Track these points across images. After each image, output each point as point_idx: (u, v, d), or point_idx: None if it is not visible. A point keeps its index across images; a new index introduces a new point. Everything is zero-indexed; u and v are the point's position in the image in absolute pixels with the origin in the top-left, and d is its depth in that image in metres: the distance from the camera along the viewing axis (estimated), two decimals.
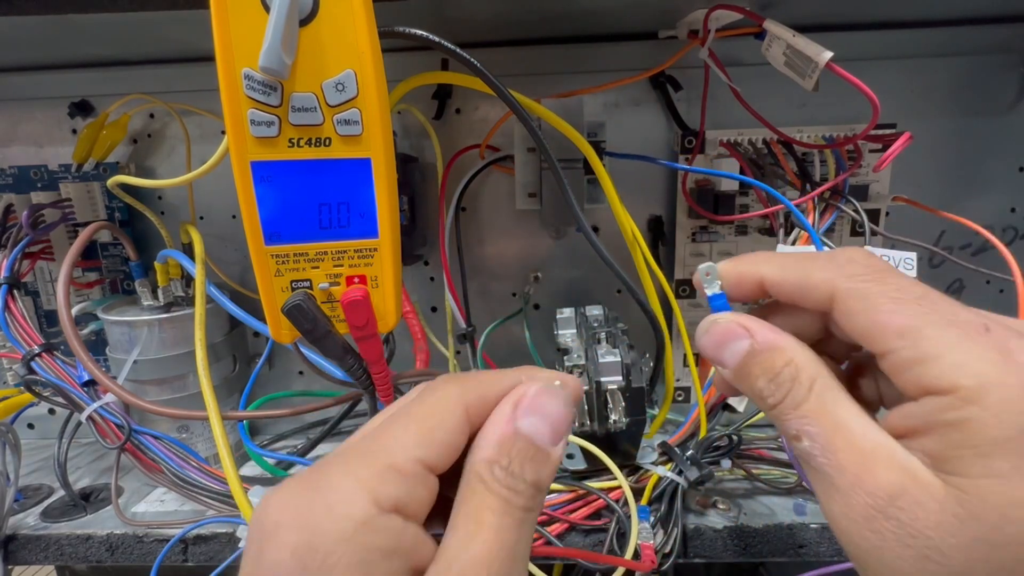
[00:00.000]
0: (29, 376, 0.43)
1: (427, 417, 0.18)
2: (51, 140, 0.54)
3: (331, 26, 0.25)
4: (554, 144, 0.41)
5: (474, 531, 0.17)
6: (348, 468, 0.17)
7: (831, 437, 0.18)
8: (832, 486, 0.18)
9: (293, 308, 0.28)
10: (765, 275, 0.21)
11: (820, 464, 0.18)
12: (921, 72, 0.49)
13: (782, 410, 0.19)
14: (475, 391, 0.19)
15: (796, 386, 0.19)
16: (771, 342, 0.20)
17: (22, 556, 0.43)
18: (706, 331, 0.22)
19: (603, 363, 0.38)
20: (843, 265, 0.19)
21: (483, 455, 0.18)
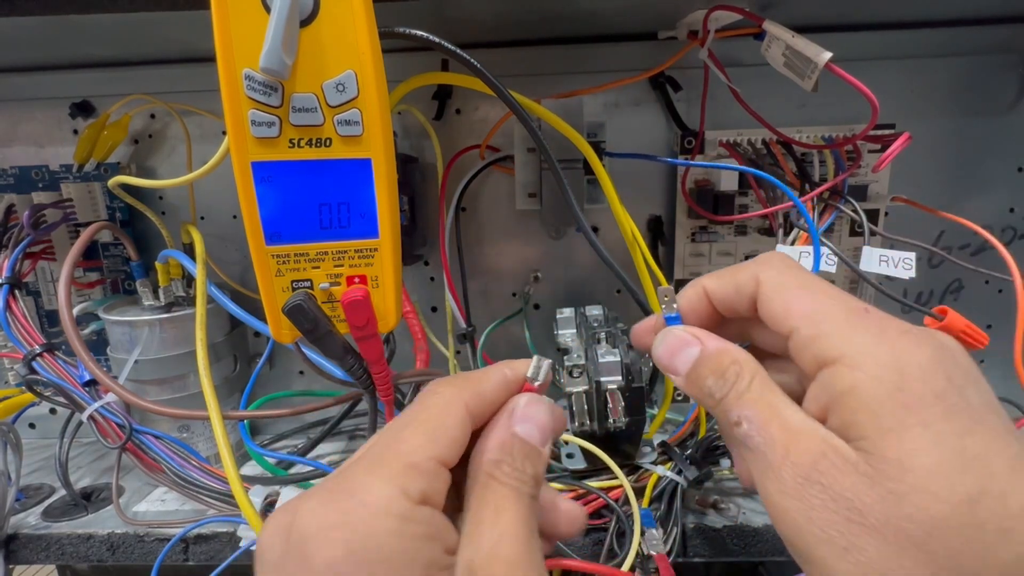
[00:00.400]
0: (30, 376, 0.43)
1: (433, 419, 0.21)
2: (52, 140, 0.54)
3: (332, 27, 0.25)
4: (554, 144, 0.41)
5: (496, 516, 0.20)
6: (373, 472, 0.20)
7: (766, 419, 0.20)
8: (766, 463, 0.20)
9: (294, 308, 0.28)
10: (706, 285, 0.24)
11: (756, 443, 0.20)
12: (920, 72, 0.49)
13: (727, 402, 0.21)
14: (470, 389, 0.22)
15: (739, 380, 0.21)
16: (718, 346, 0.23)
17: (23, 555, 0.43)
18: (661, 342, 0.24)
19: (603, 363, 0.38)
20: (763, 263, 0.23)
21: (491, 457, 0.21)
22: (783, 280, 0.22)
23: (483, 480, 0.21)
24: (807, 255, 0.41)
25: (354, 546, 0.18)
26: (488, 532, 0.20)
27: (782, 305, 0.21)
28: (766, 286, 0.22)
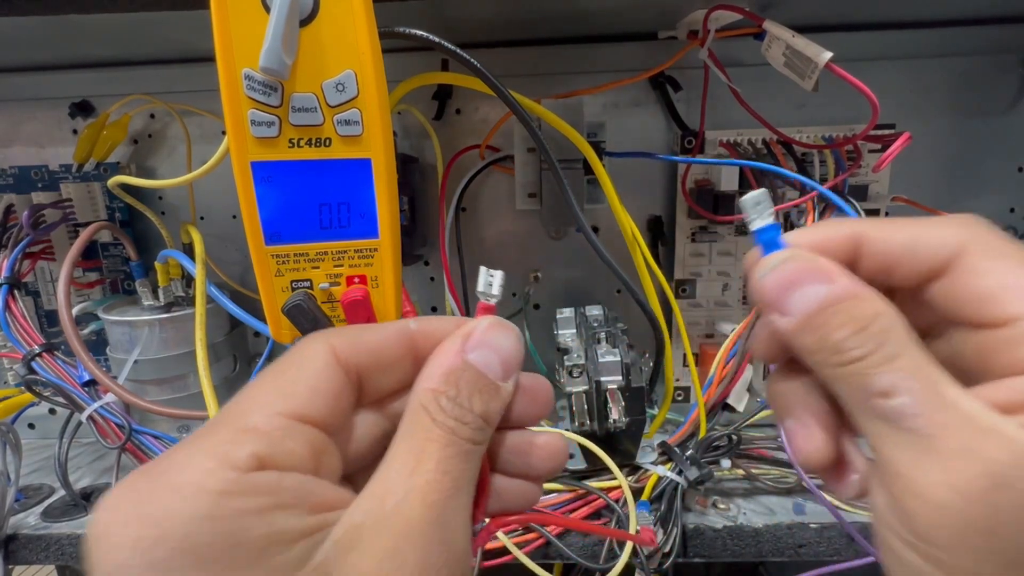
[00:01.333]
0: (30, 376, 0.43)
1: (284, 371, 0.17)
2: (52, 140, 0.54)
3: (331, 26, 0.25)
4: (554, 144, 0.41)
5: (414, 464, 0.16)
6: (195, 445, 0.15)
7: (932, 395, 0.16)
8: (930, 450, 0.15)
9: (293, 308, 0.28)
10: (865, 231, 0.18)
11: (918, 425, 0.16)
12: (921, 72, 0.49)
13: (870, 362, 0.16)
14: (342, 336, 0.18)
15: (888, 340, 0.16)
16: (858, 289, 0.17)
17: (23, 556, 0.43)
18: (774, 267, 0.18)
19: (603, 363, 0.38)
20: (965, 224, 0.17)
21: (428, 385, 0.17)
22: (1002, 251, 0.17)
23: (411, 416, 0.17)
24: None
25: (144, 544, 0.14)
26: (396, 484, 0.16)
27: (1000, 283, 0.16)
28: (977, 255, 0.17)
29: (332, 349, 0.17)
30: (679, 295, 0.51)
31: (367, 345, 0.18)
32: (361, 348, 0.18)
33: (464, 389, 0.17)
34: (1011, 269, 0.17)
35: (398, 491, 0.15)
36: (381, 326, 0.19)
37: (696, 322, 0.52)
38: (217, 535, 0.14)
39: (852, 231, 0.18)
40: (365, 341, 0.18)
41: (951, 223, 0.18)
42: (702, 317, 0.52)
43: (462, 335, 0.18)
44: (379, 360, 0.18)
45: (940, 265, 0.17)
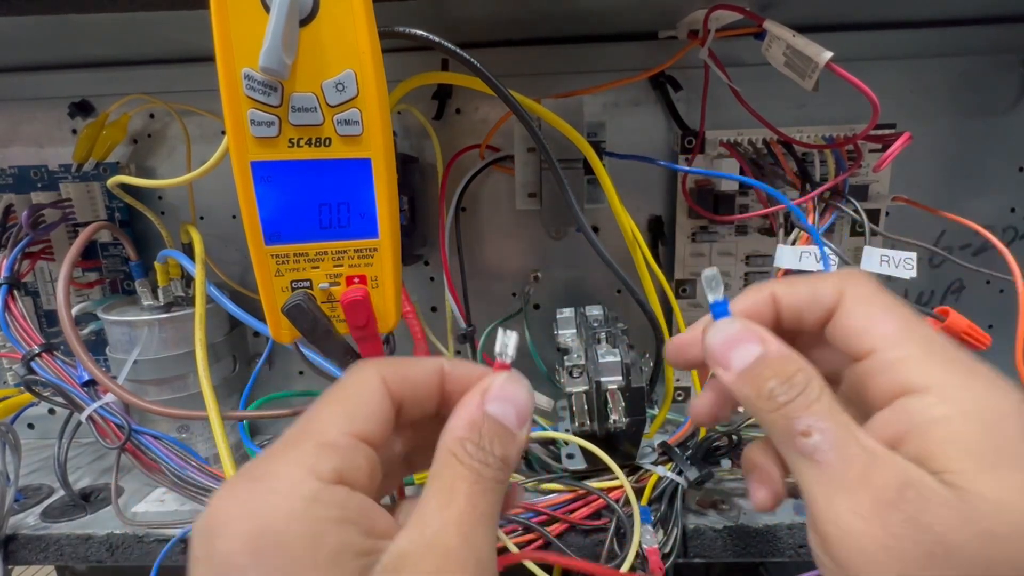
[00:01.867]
0: (29, 376, 0.43)
1: (348, 396, 0.20)
2: (51, 140, 0.54)
3: (331, 26, 0.25)
4: (554, 144, 0.41)
5: (448, 499, 0.19)
6: (286, 454, 0.18)
7: (841, 434, 0.19)
8: (838, 482, 0.19)
9: (293, 308, 0.28)
10: (776, 291, 0.23)
11: (828, 458, 0.19)
12: (921, 72, 0.49)
13: (792, 408, 0.20)
14: (391, 367, 0.21)
15: (808, 389, 0.20)
16: (787, 351, 0.21)
17: (22, 556, 0.43)
18: (719, 331, 0.22)
19: (603, 363, 0.38)
20: (849, 276, 0.22)
21: (455, 434, 0.20)
22: (871, 297, 0.21)
23: (442, 459, 0.20)
24: (808, 255, 0.41)
25: (253, 534, 0.16)
26: (433, 518, 0.18)
27: (866, 322, 0.21)
28: (851, 300, 0.21)
29: (383, 378, 0.21)
30: (679, 295, 0.51)
31: (409, 378, 0.21)
32: (405, 380, 0.21)
33: (486, 436, 0.20)
34: (874, 310, 0.21)
35: (435, 523, 0.18)
36: (421, 361, 0.22)
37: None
38: (304, 536, 0.17)
39: (770, 292, 0.23)
40: (408, 374, 0.21)
41: (836, 275, 0.22)
42: (703, 317, 0.51)
43: (481, 390, 0.21)
44: (416, 392, 0.21)
45: (829, 309, 0.22)
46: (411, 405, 0.21)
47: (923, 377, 0.19)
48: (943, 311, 0.40)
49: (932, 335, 0.20)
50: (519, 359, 0.22)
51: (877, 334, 0.20)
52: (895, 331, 0.20)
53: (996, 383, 0.19)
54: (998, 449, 0.18)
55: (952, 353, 0.19)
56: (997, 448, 0.18)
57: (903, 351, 0.20)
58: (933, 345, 0.20)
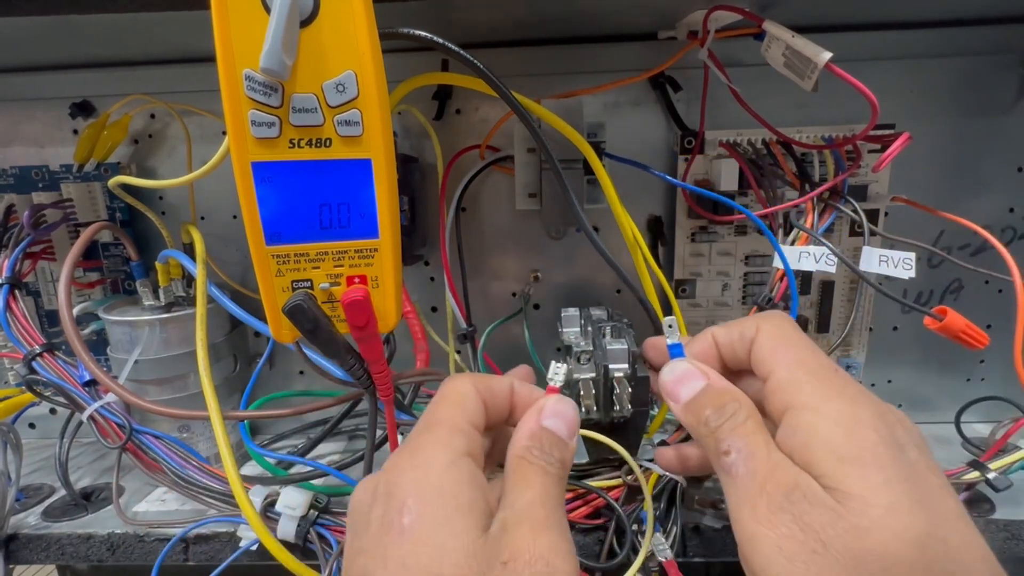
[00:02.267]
0: (30, 376, 0.43)
1: (456, 397, 0.26)
2: (52, 140, 0.54)
3: (332, 27, 0.25)
4: (554, 144, 0.41)
5: (524, 488, 0.23)
6: (429, 433, 0.25)
7: (752, 450, 0.23)
8: (744, 492, 0.22)
9: (294, 308, 0.28)
10: (715, 332, 0.29)
11: (738, 472, 0.23)
12: (920, 72, 0.49)
13: (722, 431, 0.24)
14: (479, 378, 0.27)
15: (736, 415, 0.24)
16: (723, 384, 0.26)
17: (23, 555, 0.43)
18: (671, 371, 0.28)
19: (611, 350, 0.38)
20: (765, 316, 0.28)
21: (522, 443, 0.25)
22: (777, 332, 0.26)
23: (515, 463, 0.24)
24: (807, 255, 0.41)
25: (418, 482, 0.23)
26: (518, 499, 0.23)
27: (770, 351, 0.25)
28: (762, 333, 0.26)
29: (475, 386, 0.26)
30: (679, 295, 0.51)
31: (492, 387, 0.27)
32: (489, 389, 0.27)
33: (545, 444, 0.25)
34: (776, 341, 0.26)
35: (520, 502, 0.23)
36: (500, 379, 0.28)
37: (696, 322, 0.52)
38: (451, 483, 0.23)
39: (711, 335, 0.29)
40: (490, 384, 0.27)
41: (757, 316, 0.28)
42: (702, 317, 0.52)
43: (538, 408, 0.26)
44: (495, 399, 0.27)
45: (750, 342, 0.27)
46: (491, 409, 0.27)
47: (804, 394, 0.23)
48: (941, 311, 0.40)
49: (820, 362, 0.24)
50: (516, 357, 0.23)
51: (778, 360, 0.25)
52: (790, 358, 0.25)
53: (859, 396, 0.23)
54: (861, 449, 0.21)
55: (832, 376, 0.23)
56: (860, 448, 0.21)
57: (792, 373, 0.24)
58: (819, 370, 0.24)
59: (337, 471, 0.44)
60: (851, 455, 0.21)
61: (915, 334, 0.54)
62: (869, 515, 0.19)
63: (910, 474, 0.20)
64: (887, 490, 0.20)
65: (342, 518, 0.40)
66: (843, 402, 0.22)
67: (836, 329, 0.51)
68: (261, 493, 0.40)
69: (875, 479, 0.20)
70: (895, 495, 0.20)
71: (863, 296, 0.50)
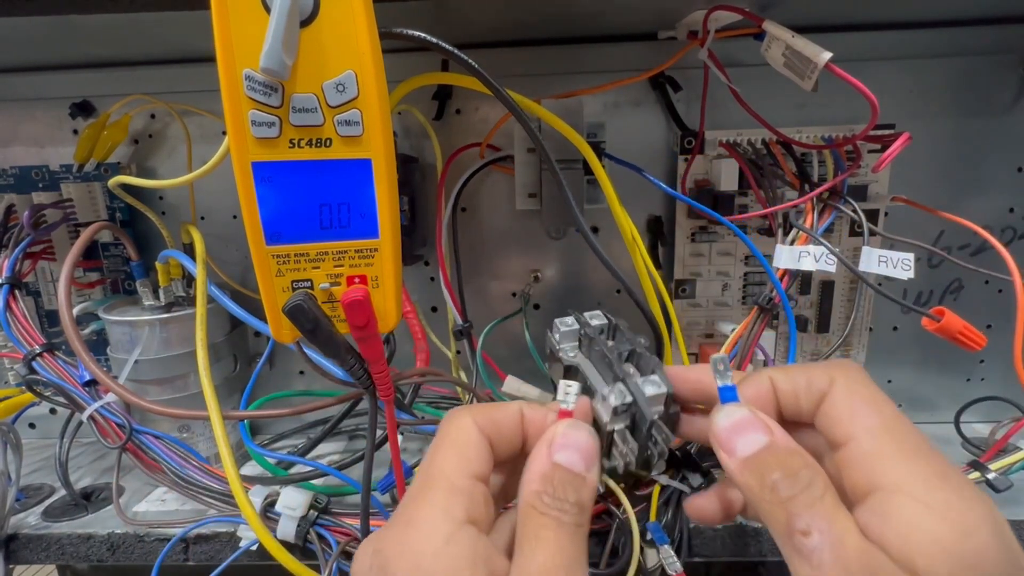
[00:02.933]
0: (30, 376, 0.43)
1: (456, 442, 0.23)
2: (52, 140, 0.54)
3: (332, 27, 0.25)
4: (554, 145, 0.41)
5: (536, 546, 0.21)
6: (424, 498, 0.22)
7: (840, 536, 0.19)
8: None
9: (294, 308, 0.28)
10: (773, 376, 0.24)
11: (824, 559, 0.19)
12: (920, 72, 0.49)
13: (796, 504, 0.20)
14: (481, 412, 0.24)
15: (813, 487, 0.20)
16: (792, 444, 0.22)
17: (23, 555, 0.43)
18: (727, 415, 0.23)
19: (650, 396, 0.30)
20: (840, 366, 0.23)
21: (531, 488, 0.22)
22: (857, 389, 0.22)
23: (525, 513, 0.22)
24: (807, 255, 0.41)
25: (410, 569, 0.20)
26: (529, 561, 0.21)
27: (847, 412, 0.21)
28: (838, 388, 0.22)
29: (475, 422, 0.24)
30: (678, 295, 0.51)
31: (495, 420, 0.24)
32: (492, 422, 0.24)
33: (559, 486, 0.22)
34: (857, 401, 0.22)
35: (532, 567, 0.21)
36: (506, 407, 0.25)
37: (696, 322, 0.52)
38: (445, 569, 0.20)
39: (769, 378, 0.24)
40: (494, 416, 0.24)
41: (829, 364, 0.23)
42: (702, 317, 0.52)
43: (547, 441, 0.23)
44: (502, 432, 0.24)
45: (820, 396, 0.22)
46: (499, 444, 0.24)
47: (899, 476, 0.20)
48: (939, 311, 0.40)
49: (909, 431, 0.21)
50: (518, 357, 0.23)
51: (857, 425, 0.21)
52: (874, 424, 0.21)
53: (967, 488, 0.19)
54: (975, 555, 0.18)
55: (929, 455, 0.20)
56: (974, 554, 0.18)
57: (882, 446, 0.20)
58: (912, 445, 0.20)
59: (337, 471, 0.44)
60: (965, 559, 0.18)
61: (915, 334, 0.54)
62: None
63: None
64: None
65: (342, 518, 0.40)
66: (949, 492, 0.19)
67: (836, 329, 0.51)
68: (261, 493, 0.40)
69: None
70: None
71: (863, 296, 0.50)
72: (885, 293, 0.41)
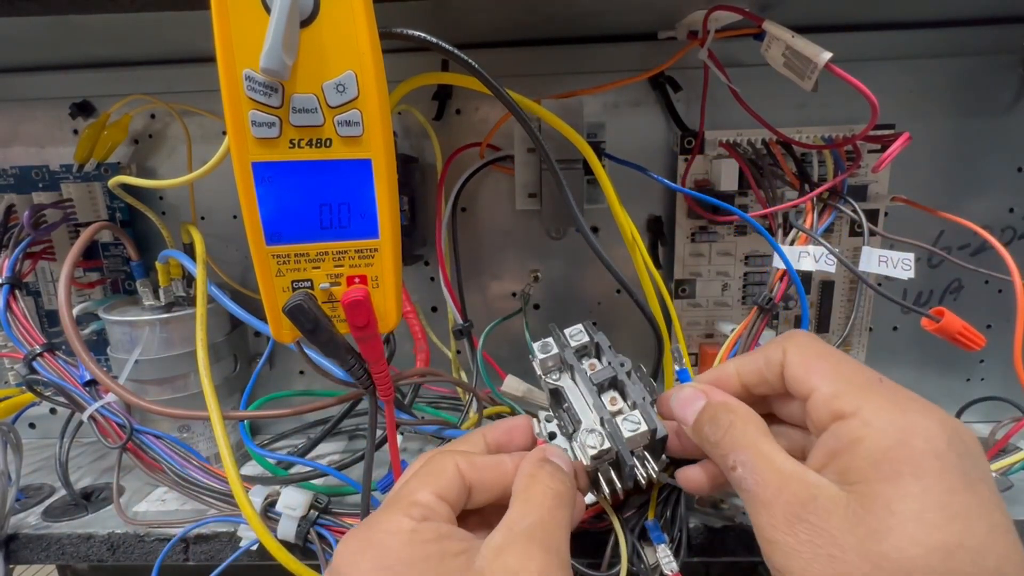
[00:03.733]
0: (31, 376, 0.43)
1: (429, 471, 0.26)
2: (52, 140, 0.54)
3: (332, 27, 0.25)
4: (554, 145, 0.41)
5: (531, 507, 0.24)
6: (386, 510, 0.25)
7: (758, 463, 0.24)
8: (758, 501, 0.23)
9: (294, 308, 0.28)
10: (737, 364, 0.28)
11: (749, 485, 0.23)
12: (920, 72, 0.49)
13: (722, 446, 0.25)
14: (463, 456, 0.27)
15: (732, 428, 0.25)
16: (720, 398, 0.27)
17: (23, 555, 0.43)
18: (674, 396, 0.29)
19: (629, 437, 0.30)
20: (789, 337, 0.27)
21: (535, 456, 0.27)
22: (807, 350, 0.26)
23: (524, 482, 0.25)
24: (806, 255, 0.41)
25: (377, 559, 0.22)
26: (521, 519, 0.24)
27: (804, 368, 0.25)
28: (791, 354, 0.26)
29: (456, 463, 0.26)
30: (678, 295, 0.51)
31: (477, 465, 0.27)
32: (473, 465, 0.27)
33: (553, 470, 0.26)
34: (809, 358, 0.25)
35: (523, 523, 0.24)
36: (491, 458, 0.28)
37: (696, 322, 0.52)
38: (414, 553, 0.22)
39: (733, 365, 0.29)
40: (475, 461, 0.27)
41: (781, 338, 0.27)
42: (702, 317, 0.52)
43: (539, 449, 0.28)
44: (485, 476, 0.27)
45: (780, 366, 0.26)
46: (480, 489, 0.26)
47: (852, 404, 0.22)
48: (938, 312, 0.40)
49: (859, 370, 0.24)
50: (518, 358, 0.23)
51: (814, 376, 0.24)
52: (830, 372, 0.24)
53: (917, 406, 0.22)
54: (901, 460, 0.21)
55: (877, 384, 0.23)
56: (901, 459, 0.21)
57: (836, 387, 0.23)
58: (860, 378, 0.24)
59: (337, 471, 0.44)
60: (889, 465, 0.20)
61: (915, 334, 0.54)
62: (889, 522, 0.19)
63: (955, 487, 0.20)
64: (919, 499, 0.20)
65: (342, 518, 0.40)
66: (895, 411, 0.22)
67: (836, 329, 0.51)
68: (261, 493, 0.40)
69: (911, 488, 0.20)
70: (925, 504, 0.20)
71: (863, 296, 0.50)
72: (885, 293, 0.41)
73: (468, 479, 0.26)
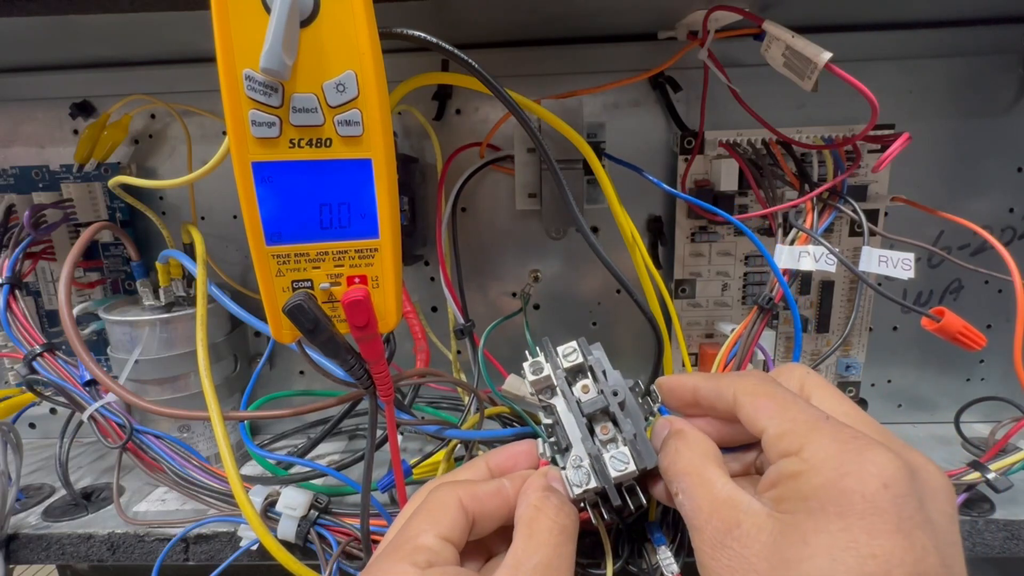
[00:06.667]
0: (31, 376, 0.43)
1: (431, 509, 0.26)
2: (52, 140, 0.54)
3: (332, 27, 0.25)
4: (553, 145, 0.41)
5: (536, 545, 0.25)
6: (390, 556, 0.24)
7: (696, 490, 0.25)
8: (692, 526, 0.24)
9: (294, 308, 0.28)
10: (697, 382, 0.29)
11: (686, 510, 0.25)
12: (920, 72, 0.49)
13: (668, 473, 0.27)
14: (466, 488, 0.27)
15: (677, 455, 0.27)
16: (677, 428, 0.28)
17: (23, 555, 0.43)
18: (657, 432, 0.30)
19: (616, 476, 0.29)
20: (740, 377, 0.28)
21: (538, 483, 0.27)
22: (755, 391, 0.27)
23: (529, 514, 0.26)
24: (806, 255, 0.41)
25: None
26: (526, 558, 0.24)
27: (754, 410, 0.26)
28: (740, 396, 0.27)
29: (458, 496, 0.26)
30: (678, 295, 0.51)
31: (480, 497, 0.27)
32: (475, 497, 0.27)
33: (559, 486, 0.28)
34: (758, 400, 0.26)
35: (529, 562, 0.24)
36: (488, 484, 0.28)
37: (696, 322, 0.52)
38: None
39: (693, 385, 0.30)
40: (477, 492, 0.27)
41: (734, 377, 0.28)
42: (702, 317, 0.52)
43: (541, 474, 0.28)
44: (484, 506, 0.27)
45: (730, 405, 0.27)
46: (483, 519, 0.27)
47: (795, 445, 0.23)
48: (939, 311, 0.40)
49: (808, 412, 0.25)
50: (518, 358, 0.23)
51: (762, 418, 0.25)
52: (775, 412, 0.25)
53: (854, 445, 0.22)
54: (831, 499, 0.21)
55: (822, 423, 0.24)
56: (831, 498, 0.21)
57: (782, 427, 0.24)
58: (805, 417, 0.24)
59: (337, 471, 0.44)
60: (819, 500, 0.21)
61: (915, 334, 0.54)
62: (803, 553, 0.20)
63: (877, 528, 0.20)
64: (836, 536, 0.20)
65: (342, 518, 0.40)
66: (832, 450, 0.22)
67: (836, 329, 0.51)
68: (261, 493, 0.40)
69: (831, 525, 0.20)
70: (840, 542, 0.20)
71: (863, 296, 0.50)
72: (885, 293, 0.41)
73: (471, 512, 0.26)
